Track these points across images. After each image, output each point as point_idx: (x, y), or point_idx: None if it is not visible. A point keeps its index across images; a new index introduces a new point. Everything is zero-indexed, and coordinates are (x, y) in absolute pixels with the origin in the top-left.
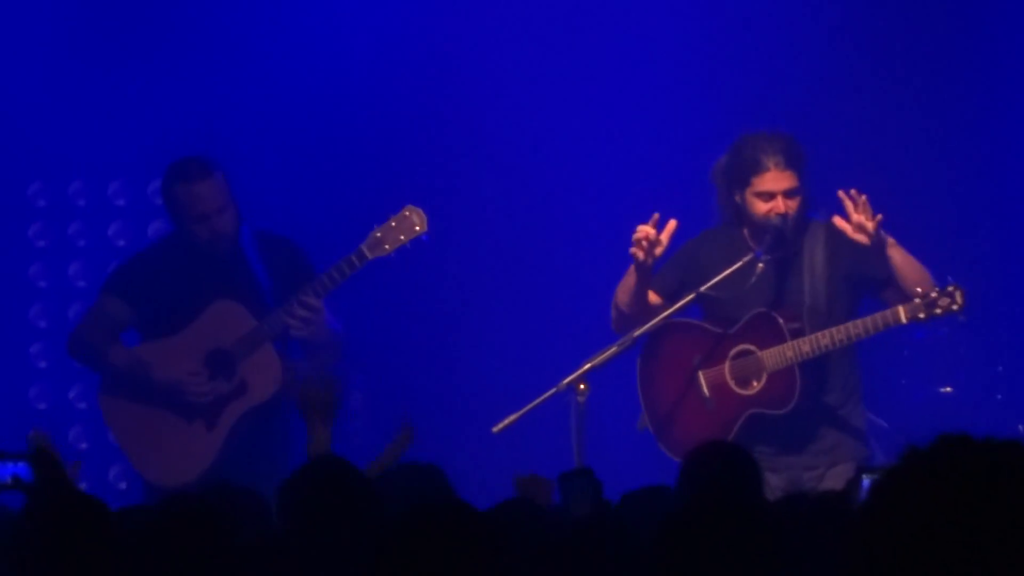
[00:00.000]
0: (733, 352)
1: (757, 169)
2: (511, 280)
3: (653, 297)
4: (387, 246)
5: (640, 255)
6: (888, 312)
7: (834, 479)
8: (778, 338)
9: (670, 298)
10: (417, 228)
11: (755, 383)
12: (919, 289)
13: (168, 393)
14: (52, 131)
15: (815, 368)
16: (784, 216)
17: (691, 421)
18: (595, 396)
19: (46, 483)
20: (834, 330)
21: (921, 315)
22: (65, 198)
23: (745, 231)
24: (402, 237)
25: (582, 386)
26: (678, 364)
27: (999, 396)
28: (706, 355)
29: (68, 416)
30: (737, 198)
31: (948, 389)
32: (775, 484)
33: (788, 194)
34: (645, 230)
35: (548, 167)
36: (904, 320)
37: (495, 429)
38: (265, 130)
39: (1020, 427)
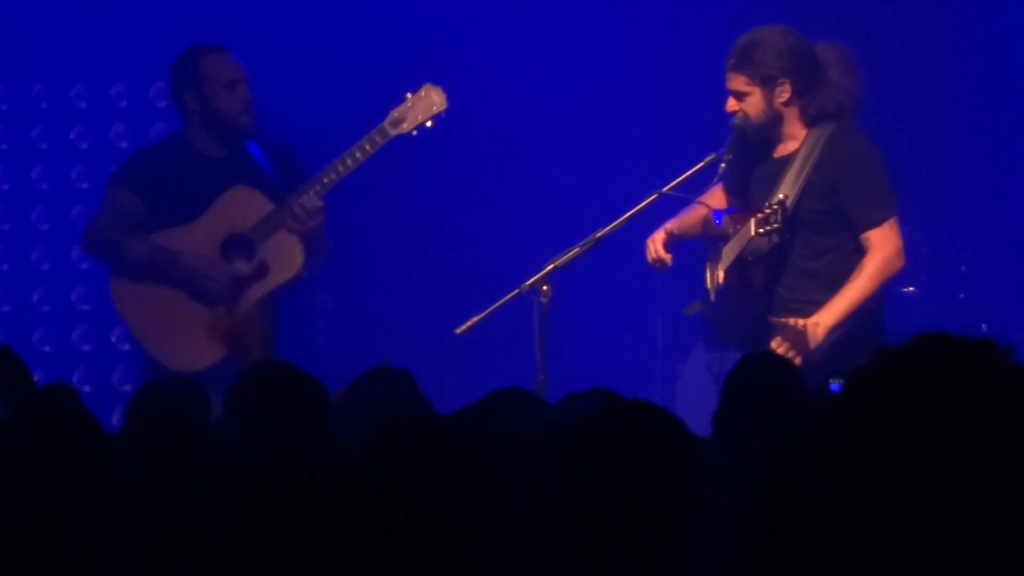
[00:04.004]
0: (719, 246)
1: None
2: (474, 180)
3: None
4: (405, 124)
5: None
6: (746, 226)
7: None
8: (724, 237)
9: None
10: (436, 108)
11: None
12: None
13: (188, 279)
14: (54, 33)
15: (747, 271)
16: (743, 115)
17: (709, 312)
18: (558, 297)
19: (8, 382)
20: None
21: (761, 229)
22: (67, 100)
23: None
24: (421, 116)
25: (545, 287)
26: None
27: (962, 295)
28: (716, 246)
29: (71, 318)
30: None
31: (911, 289)
32: None
33: (735, 95)
34: (657, 258)
35: (511, 70)
36: (753, 232)
37: (458, 331)
38: (271, 29)
39: (983, 326)
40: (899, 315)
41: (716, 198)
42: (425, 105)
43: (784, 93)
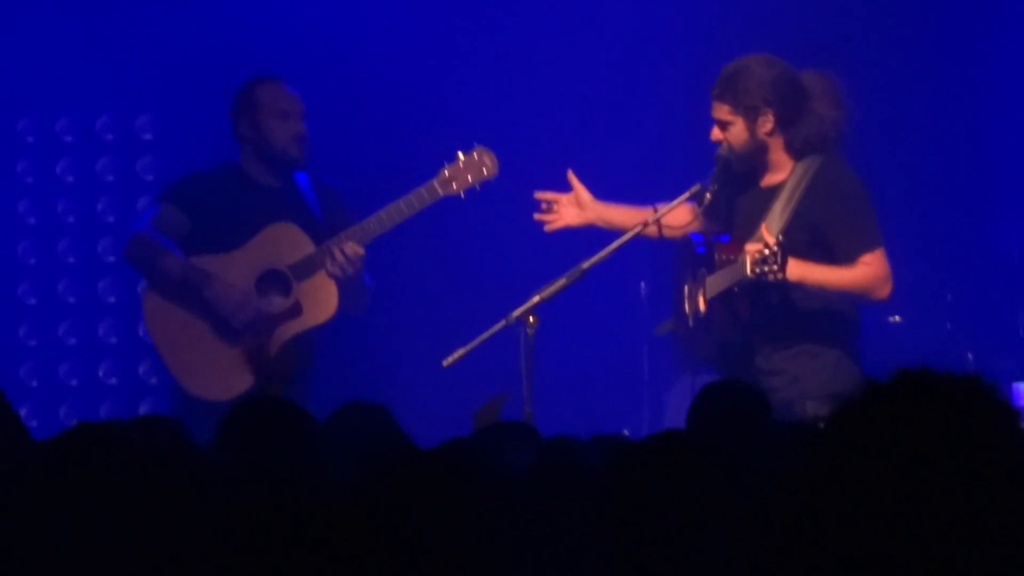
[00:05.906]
0: (700, 272)
1: None
2: (460, 212)
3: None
4: (455, 185)
5: (555, 225)
6: (740, 262)
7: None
8: (711, 267)
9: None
10: (487, 172)
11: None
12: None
13: (216, 305)
14: (39, 67)
15: (730, 303)
16: (727, 145)
17: (683, 334)
18: (544, 328)
19: None
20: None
21: (758, 270)
22: (53, 134)
23: None
24: (471, 178)
25: (531, 319)
26: (683, 277)
27: (948, 325)
28: (695, 270)
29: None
30: None
31: (897, 318)
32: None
33: (719, 124)
34: (547, 208)
35: (498, 101)
36: (748, 272)
37: (445, 363)
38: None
39: (969, 355)
40: (885, 345)
41: (680, 215)
42: (476, 168)
43: (767, 123)
